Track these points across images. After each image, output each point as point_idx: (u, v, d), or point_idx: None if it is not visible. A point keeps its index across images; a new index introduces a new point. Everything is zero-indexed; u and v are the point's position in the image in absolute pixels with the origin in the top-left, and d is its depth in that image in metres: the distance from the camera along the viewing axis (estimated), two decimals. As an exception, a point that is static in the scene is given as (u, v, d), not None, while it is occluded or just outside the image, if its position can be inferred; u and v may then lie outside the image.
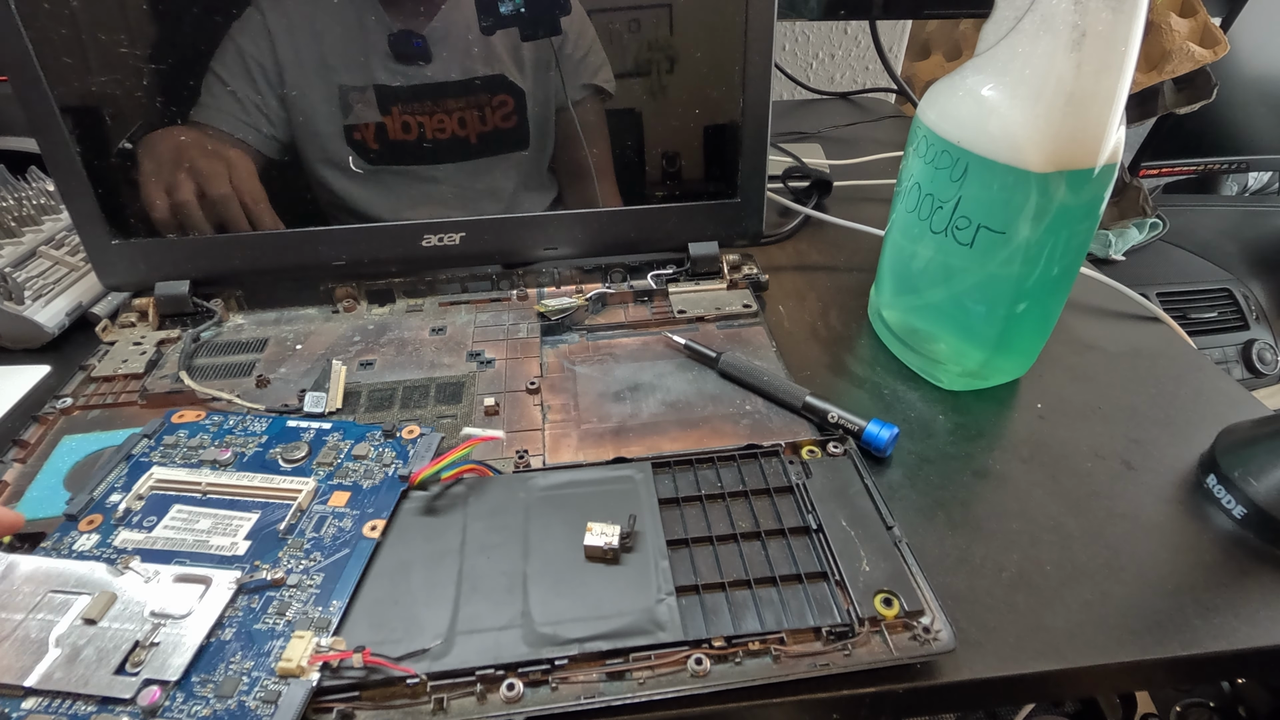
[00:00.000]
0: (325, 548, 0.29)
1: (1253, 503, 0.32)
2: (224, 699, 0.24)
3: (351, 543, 0.29)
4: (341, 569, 0.28)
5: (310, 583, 0.27)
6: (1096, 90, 0.30)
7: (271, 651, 0.25)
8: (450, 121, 0.42)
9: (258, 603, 0.27)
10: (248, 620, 0.26)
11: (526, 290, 0.46)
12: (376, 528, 0.29)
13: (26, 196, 0.48)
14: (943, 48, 0.94)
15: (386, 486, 0.31)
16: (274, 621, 0.26)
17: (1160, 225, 0.88)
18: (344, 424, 0.34)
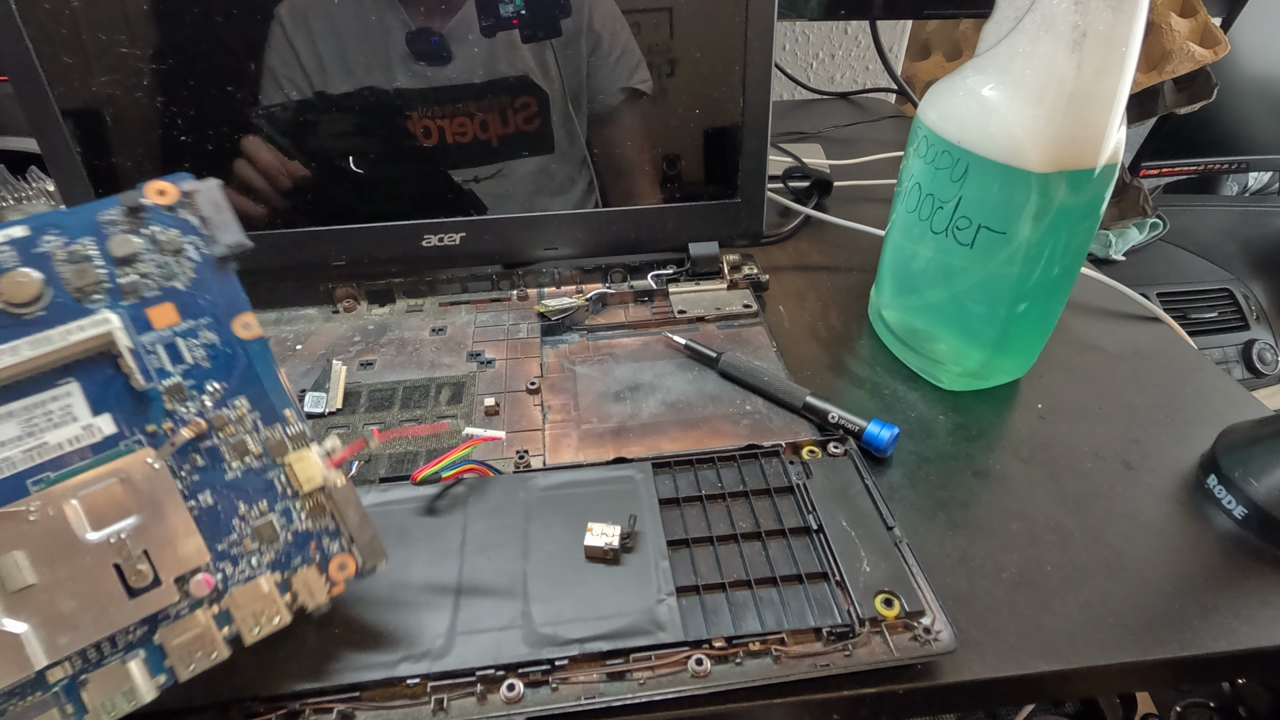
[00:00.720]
0: (214, 371, 0.24)
1: (1253, 503, 0.32)
2: (271, 541, 0.23)
3: (237, 350, 0.24)
4: (259, 379, 0.24)
5: (241, 409, 0.24)
6: (1097, 90, 0.30)
7: (274, 484, 0.24)
8: (472, 125, 0.42)
9: (203, 461, 0.23)
10: (213, 478, 0.23)
11: (526, 290, 0.46)
12: (249, 324, 0.24)
13: (26, 196, 0.48)
14: (943, 48, 0.94)
15: (209, 274, 0.24)
16: (242, 463, 0.24)
17: (1160, 225, 0.88)
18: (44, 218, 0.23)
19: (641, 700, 0.25)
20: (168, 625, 0.22)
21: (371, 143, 0.42)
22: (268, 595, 0.23)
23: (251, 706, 0.24)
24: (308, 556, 0.23)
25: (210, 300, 0.24)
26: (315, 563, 0.23)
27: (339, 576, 0.24)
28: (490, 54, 0.41)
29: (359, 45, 0.40)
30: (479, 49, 0.41)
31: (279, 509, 0.23)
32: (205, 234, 0.24)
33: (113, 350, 0.23)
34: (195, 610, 0.23)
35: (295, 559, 0.23)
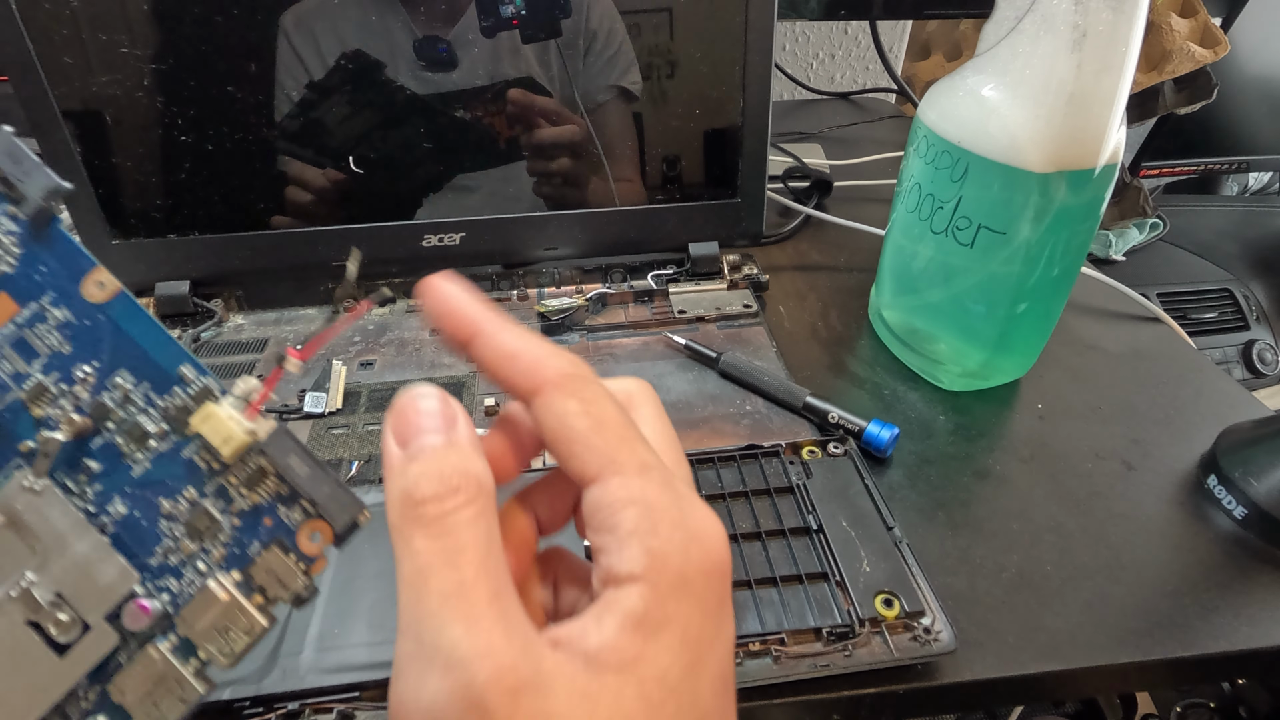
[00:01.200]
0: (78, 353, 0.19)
1: (1253, 503, 0.32)
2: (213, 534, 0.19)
3: (96, 318, 0.20)
4: (134, 343, 0.20)
5: (125, 385, 0.19)
6: (1097, 90, 0.30)
7: (195, 463, 0.19)
8: (479, 128, 0.42)
9: (98, 464, 0.19)
10: (118, 480, 0.19)
11: (526, 290, 0.46)
12: (103, 281, 0.20)
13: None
14: (943, 48, 0.94)
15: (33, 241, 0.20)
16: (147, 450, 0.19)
17: (1160, 225, 0.88)
18: None
19: (641, 700, 0.25)
20: (121, 675, 0.18)
21: (382, 148, 0.42)
22: (229, 603, 0.18)
23: (251, 707, 0.24)
24: (265, 537, 0.19)
25: (46, 271, 0.20)
26: (277, 542, 0.19)
27: (313, 549, 0.19)
28: (494, 56, 0.41)
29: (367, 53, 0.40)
30: (484, 52, 0.41)
31: (210, 490, 0.19)
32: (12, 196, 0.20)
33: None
34: (146, 647, 0.18)
35: (252, 545, 0.19)
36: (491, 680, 0.13)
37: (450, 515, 0.15)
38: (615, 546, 0.15)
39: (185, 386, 0.19)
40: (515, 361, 0.17)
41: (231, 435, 0.18)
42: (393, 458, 0.16)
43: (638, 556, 0.14)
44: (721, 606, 0.15)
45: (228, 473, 0.19)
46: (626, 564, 0.15)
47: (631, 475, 0.15)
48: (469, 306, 0.18)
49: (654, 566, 0.14)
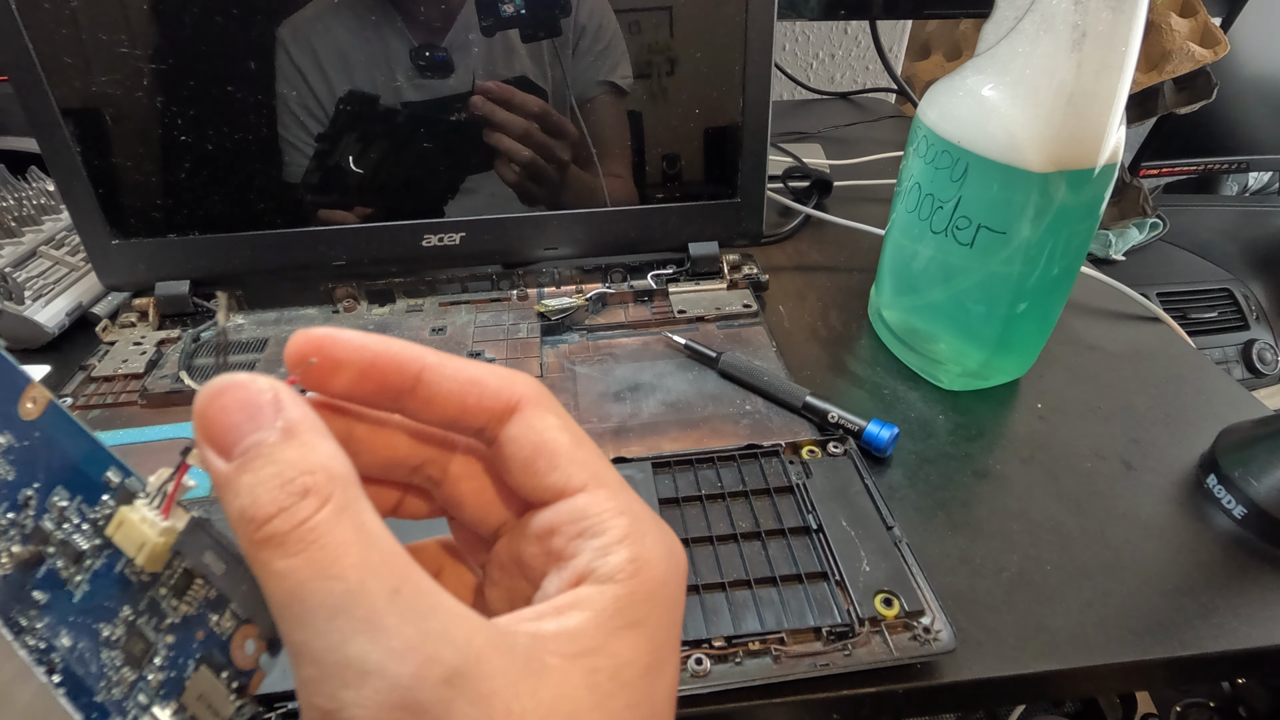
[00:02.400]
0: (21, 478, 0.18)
1: (1253, 503, 0.32)
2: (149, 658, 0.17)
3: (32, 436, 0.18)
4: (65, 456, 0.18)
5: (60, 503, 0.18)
6: (1096, 90, 0.30)
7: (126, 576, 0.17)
8: (477, 129, 0.42)
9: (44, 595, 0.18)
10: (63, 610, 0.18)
11: (526, 290, 0.46)
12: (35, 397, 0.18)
13: (26, 196, 0.48)
14: (943, 48, 0.94)
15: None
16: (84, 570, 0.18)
17: (1160, 225, 0.88)
18: None
19: (641, 700, 0.25)
20: None
21: (382, 153, 0.42)
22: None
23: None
24: (198, 653, 0.17)
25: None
26: (207, 660, 0.17)
27: (248, 661, 0.16)
28: (489, 59, 0.41)
29: (363, 63, 0.40)
30: (479, 56, 0.41)
31: (143, 606, 0.17)
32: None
33: None
34: None
35: (186, 666, 0.17)
36: (418, 677, 0.12)
37: (316, 525, 0.12)
38: (598, 552, 0.15)
39: (112, 492, 0.18)
40: (482, 385, 0.16)
41: (144, 539, 0.16)
42: (218, 474, 0.13)
43: (623, 563, 0.15)
44: (680, 618, 0.16)
45: (156, 584, 0.17)
46: (609, 567, 0.15)
47: (617, 490, 0.16)
48: (396, 345, 0.16)
49: (637, 572, 0.15)
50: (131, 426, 0.36)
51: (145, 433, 0.36)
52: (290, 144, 0.41)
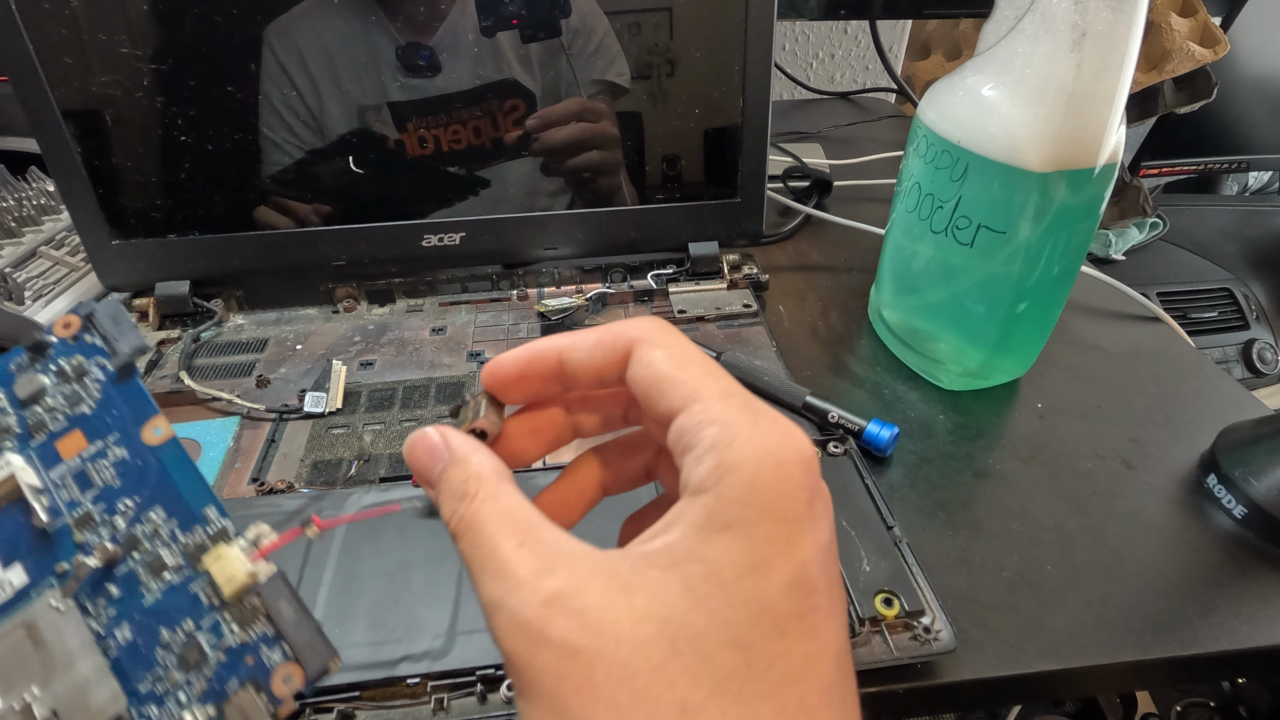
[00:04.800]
0: (125, 488, 0.22)
1: (1253, 502, 0.32)
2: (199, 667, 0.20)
3: (148, 459, 0.22)
4: (173, 484, 0.22)
5: (156, 520, 0.21)
6: (1096, 90, 0.30)
7: (199, 597, 0.21)
8: (465, 131, 0.42)
9: (118, 590, 0.21)
10: (131, 607, 0.21)
11: (526, 290, 0.46)
12: (160, 428, 0.22)
13: (26, 197, 0.48)
14: (943, 48, 0.94)
15: (114, 388, 0.23)
16: (161, 581, 0.21)
17: (1160, 225, 0.88)
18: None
19: (641, 700, 0.25)
20: None
21: (370, 155, 0.42)
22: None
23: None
24: (244, 675, 0.20)
25: (118, 414, 0.23)
26: (253, 681, 0.20)
27: (284, 691, 0.20)
28: (477, 60, 0.41)
29: (349, 63, 0.40)
30: (465, 56, 0.41)
31: (206, 624, 0.20)
32: (108, 350, 0.23)
33: (18, 494, 0.21)
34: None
35: (230, 682, 0.20)
36: (524, 603, 0.15)
37: (470, 514, 0.17)
38: (690, 465, 0.16)
39: (206, 526, 0.21)
40: (601, 345, 0.18)
41: (235, 575, 0.20)
42: (432, 499, 0.18)
43: (709, 469, 0.16)
44: (802, 517, 0.16)
45: (225, 609, 0.20)
46: (698, 477, 0.16)
47: (713, 401, 0.17)
48: (536, 344, 0.19)
49: (723, 478, 0.15)
50: (132, 427, 0.36)
51: (145, 433, 0.36)
52: (273, 144, 0.41)
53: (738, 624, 0.14)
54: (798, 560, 0.15)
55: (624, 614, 0.14)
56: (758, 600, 0.15)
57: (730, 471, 0.15)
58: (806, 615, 0.15)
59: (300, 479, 0.33)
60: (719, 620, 0.14)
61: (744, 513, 0.15)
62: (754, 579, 0.15)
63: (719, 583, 0.15)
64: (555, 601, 0.15)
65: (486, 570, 0.16)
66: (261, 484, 0.33)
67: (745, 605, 0.15)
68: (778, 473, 0.16)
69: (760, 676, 0.14)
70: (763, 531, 0.15)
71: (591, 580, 0.15)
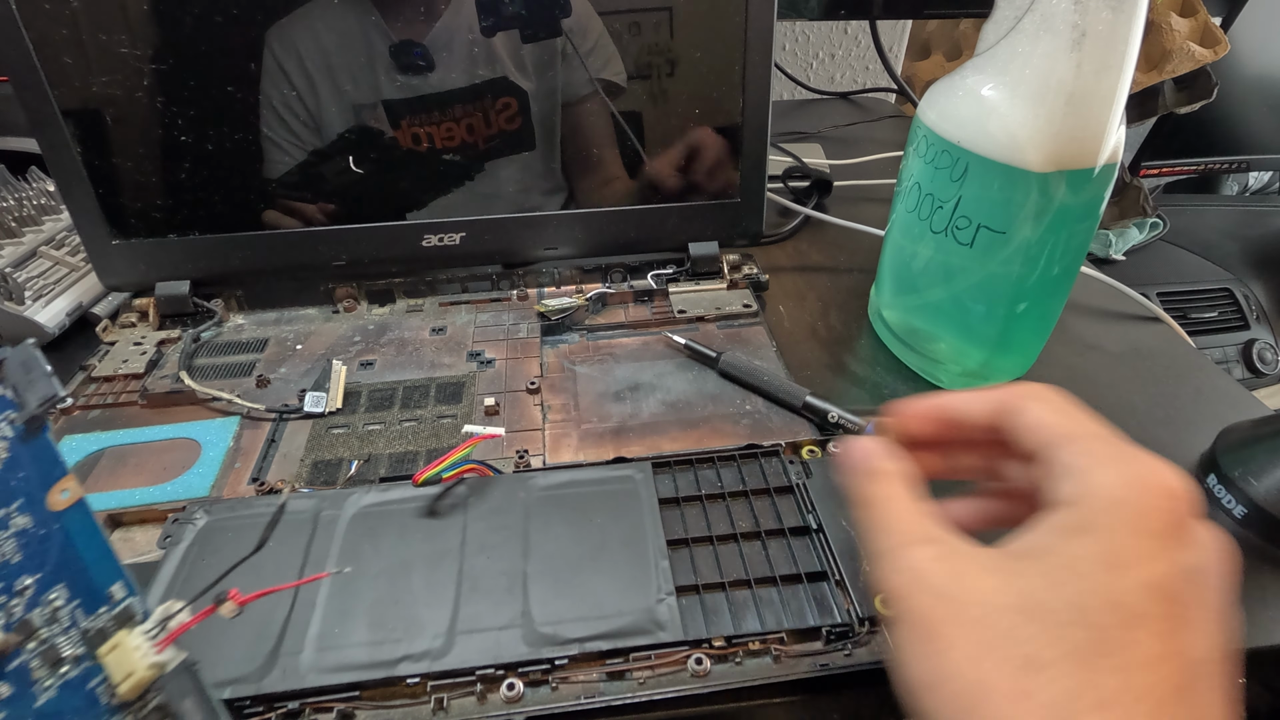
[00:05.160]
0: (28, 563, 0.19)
1: (1253, 502, 0.32)
2: None
3: (52, 527, 0.19)
4: (77, 556, 0.19)
5: (56, 601, 0.19)
6: (1096, 90, 0.30)
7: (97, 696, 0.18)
8: (458, 129, 0.42)
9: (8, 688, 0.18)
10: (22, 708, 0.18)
11: (526, 290, 0.46)
12: (68, 489, 0.20)
13: (27, 197, 0.48)
14: (943, 48, 0.94)
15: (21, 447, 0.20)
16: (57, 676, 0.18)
17: (1160, 225, 0.88)
18: None
19: (641, 699, 0.25)
20: None
21: (367, 153, 0.42)
22: None
23: (251, 706, 0.24)
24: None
25: (24, 477, 0.20)
26: None
27: None
28: (470, 58, 0.41)
29: (345, 61, 0.40)
30: (460, 55, 0.41)
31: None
32: (17, 403, 0.20)
33: None
34: None
35: None
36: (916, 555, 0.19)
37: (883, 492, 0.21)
38: (1061, 480, 0.19)
39: (112, 605, 0.19)
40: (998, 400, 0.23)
41: (134, 670, 0.18)
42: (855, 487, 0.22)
43: (1076, 485, 0.18)
44: (1166, 535, 0.17)
45: (125, 712, 0.18)
46: (1065, 492, 0.19)
47: (1090, 439, 0.20)
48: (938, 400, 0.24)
49: (1090, 491, 0.18)
50: (131, 426, 0.36)
51: (145, 433, 0.36)
52: (275, 144, 0.41)
53: (1091, 609, 0.16)
54: (1158, 570, 0.17)
55: (989, 584, 0.18)
56: (1111, 593, 0.16)
57: (1098, 487, 0.18)
58: (1163, 619, 0.16)
59: (300, 479, 0.33)
60: (1073, 603, 0.16)
61: (1106, 520, 0.17)
62: (1110, 575, 0.17)
63: (1076, 573, 0.17)
64: (938, 560, 0.19)
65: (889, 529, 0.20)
66: (261, 484, 0.33)
67: (1098, 593, 0.16)
68: (1143, 494, 0.18)
69: (1109, 654, 0.16)
70: (1122, 539, 0.17)
71: (965, 557, 0.19)
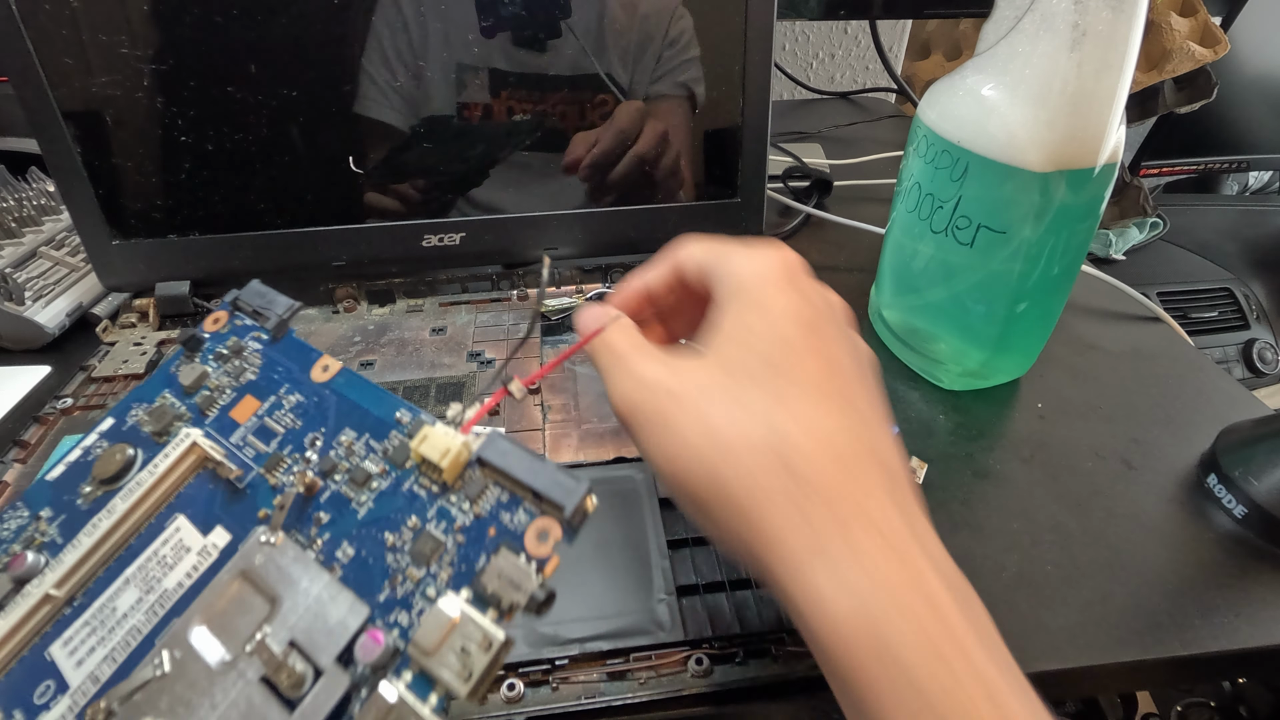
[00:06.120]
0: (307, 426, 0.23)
1: (1254, 502, 0.32)
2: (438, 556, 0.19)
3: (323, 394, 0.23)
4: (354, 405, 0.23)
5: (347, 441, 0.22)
6: (1097, 90, 0.30)
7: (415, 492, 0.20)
8: (552, 114, 0.43)
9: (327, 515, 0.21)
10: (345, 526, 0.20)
11: (527, 290, 0.46)
12: (327, 365, 0.24)
13: (27, 197, 0.48)
14: (943, 47, 0.94)
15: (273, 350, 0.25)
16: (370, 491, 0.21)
17: (1161, 225, 0.88)
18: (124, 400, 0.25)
19: (642, 700, 0.25)
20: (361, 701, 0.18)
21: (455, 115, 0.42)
22: (460, 620, 0.18)
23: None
24: (490, 547, 0.19)
25: (283, 369, 0.24)
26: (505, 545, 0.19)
27: (543, 550, 0.18)
28: (581, 48, 0.41)
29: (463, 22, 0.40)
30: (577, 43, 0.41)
31: (432, 514, 0.20)
32: (260, 325, 0.25)
33: (206, 462, 0.22)
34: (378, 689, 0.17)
35: (479, 560, 0.19)
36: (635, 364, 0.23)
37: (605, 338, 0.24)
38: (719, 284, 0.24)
39: (401, 428, 0.22)
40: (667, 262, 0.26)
41: (449, 447, 0.19)
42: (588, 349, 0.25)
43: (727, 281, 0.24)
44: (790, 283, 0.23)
45: (447, 493, 0.20)
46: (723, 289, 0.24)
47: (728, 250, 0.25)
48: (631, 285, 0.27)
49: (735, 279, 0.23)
50: (132, 427, 0.36)
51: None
52: (370, 78, 0.41)
53: (765, 352, 0.22)
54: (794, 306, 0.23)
55: (697, 367, 0.22)
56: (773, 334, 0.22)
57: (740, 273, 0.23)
58: (812, 340, 0.22)
59: (300, 479, 0.33)
60: (753, 351, 0.22)
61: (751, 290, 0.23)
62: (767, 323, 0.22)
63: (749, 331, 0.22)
64: (659, 365, 0.22)
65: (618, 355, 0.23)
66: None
67: (766, 338, 0.22)
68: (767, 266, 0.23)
69: (786, 375, 0.21)
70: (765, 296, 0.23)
71: (676, 359, 0.23)
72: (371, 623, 0.18)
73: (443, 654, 0.17)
